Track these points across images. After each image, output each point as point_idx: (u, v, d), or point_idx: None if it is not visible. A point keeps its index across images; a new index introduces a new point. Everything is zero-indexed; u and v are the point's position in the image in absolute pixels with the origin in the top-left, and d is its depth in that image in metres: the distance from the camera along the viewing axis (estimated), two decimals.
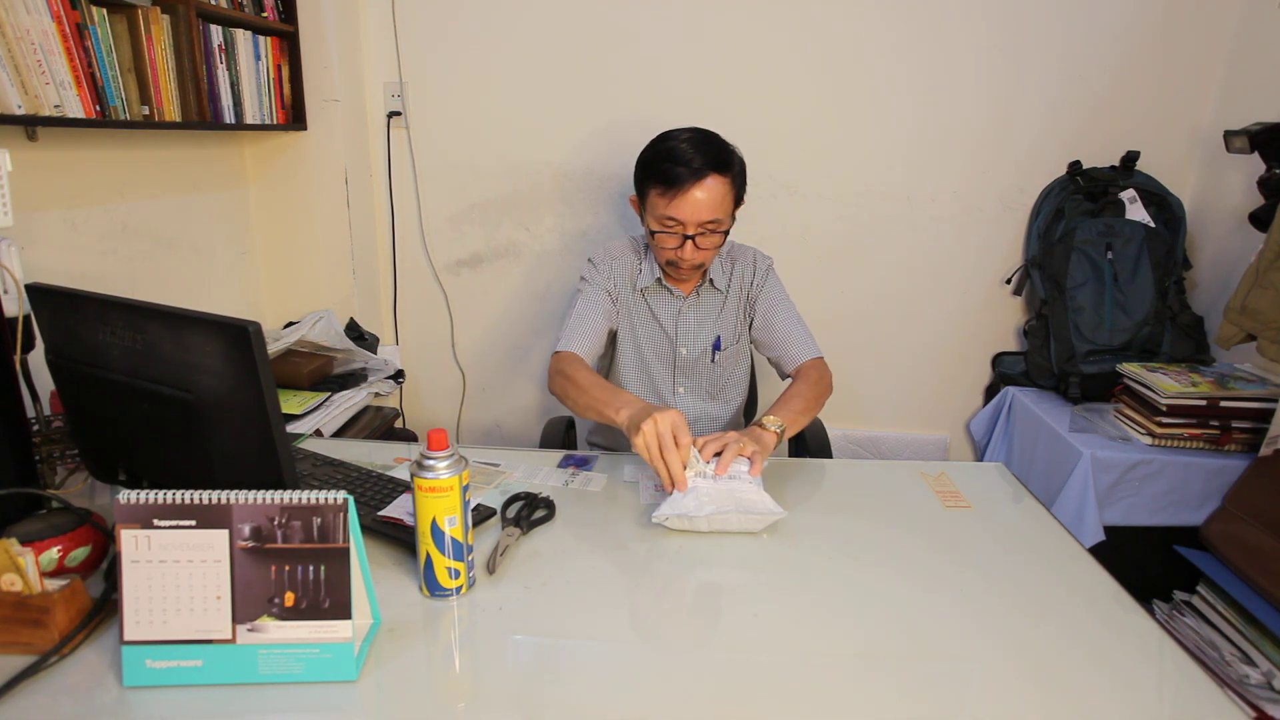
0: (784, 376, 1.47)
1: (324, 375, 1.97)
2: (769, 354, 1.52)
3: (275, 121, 1.92)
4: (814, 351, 1.44)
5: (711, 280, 1.49)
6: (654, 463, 1.06)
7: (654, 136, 1.40)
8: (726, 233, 1.40)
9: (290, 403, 1.79)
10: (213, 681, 0.73)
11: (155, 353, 0.85)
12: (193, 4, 1.56)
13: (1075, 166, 2.09)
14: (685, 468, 1.06)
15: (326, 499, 0.73)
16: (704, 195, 1.31)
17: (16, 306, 1.05)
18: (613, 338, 1.56)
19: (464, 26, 2.11)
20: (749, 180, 1.40)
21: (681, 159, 1.31)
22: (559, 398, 1.33)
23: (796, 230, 2.22)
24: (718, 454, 1.11)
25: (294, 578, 0.73)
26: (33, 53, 1.25)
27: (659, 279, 1.49)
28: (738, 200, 1.41)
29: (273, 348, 1.86)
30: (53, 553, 0.86)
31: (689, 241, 1.35)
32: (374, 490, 1.09)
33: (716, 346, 1.52)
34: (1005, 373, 2.24)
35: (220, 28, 1.69)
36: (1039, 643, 0.84)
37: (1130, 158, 2.05)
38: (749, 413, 1.73)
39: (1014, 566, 1.00)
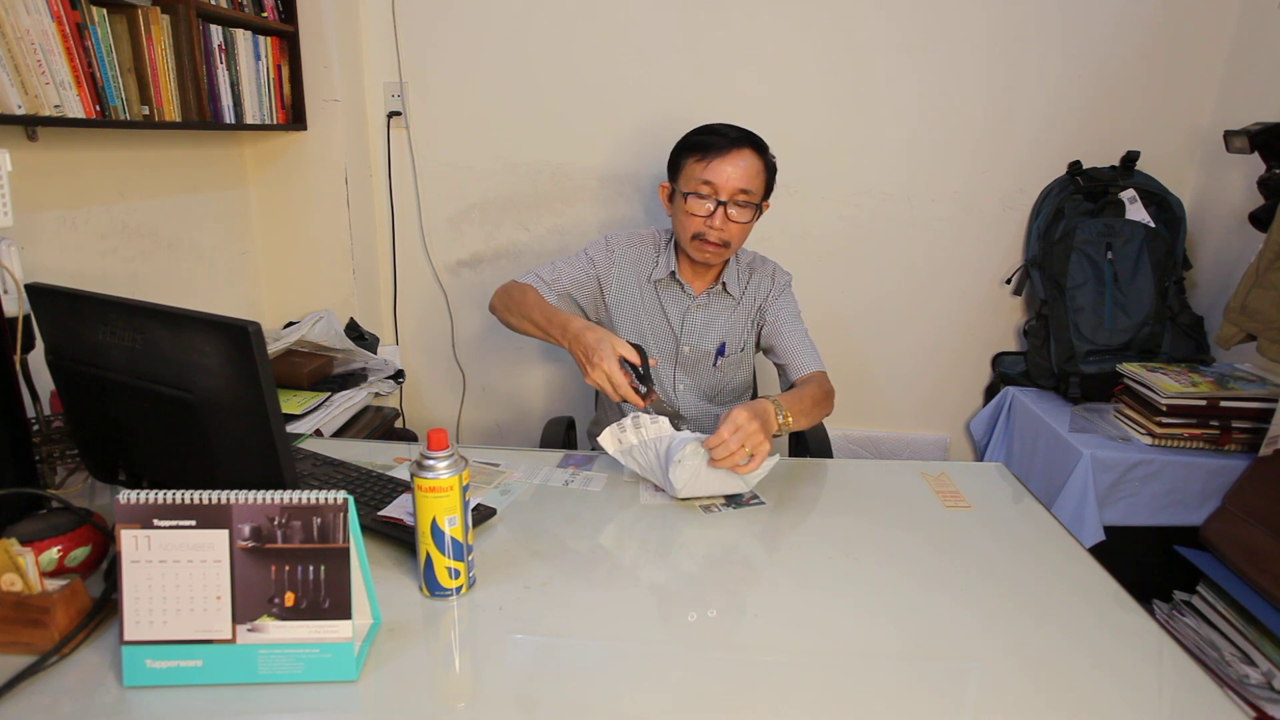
0: (788, 384, 1.48)
1: (324, 375, 1.97)
2: (774, 360, 1.53)
3: (275, 121, 1.92)
4: (819, 365, 1.45)
5: (724, 285, 1.50)
6: (609, 391, 1.18)
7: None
8: (756, 209, 1.43)
9: (290, 403, 1.79)
10: (213, 681, 0.73)
11: (155, 353, 0.85)
12: (193, 4, 1.56)
13: (1075, 166, 2.09)
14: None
15: (326, 499, 0.73)
16: (739, 164, 1.38)
17: (16, 306, 1.05)
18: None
19: (464, 26, 2.11)
20: None
21: (720, 131, 1.42)
22: (499, 312, 1.43)
23: (796, 230, 2.22)
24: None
25: (294, 578, 0.73)
26: (33, 53, 1.25)
27: (673, 272, 1.50)
28: (767, 190, 1.46)
29: (273, 348, 1.86)
30: (53, 553, 0.86)
31: (721, 209, 1.38)
32: (374, 490, 1.09)
33: (721, 352, 1.52)
34: (1005, 373, 2.24)
35: (220, 28, 1.69)
36: (1039, 643, 0.84)
37: (1130, 158, 2.05)
38: None
39: (1014, 566, 1.00)
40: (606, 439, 1.16)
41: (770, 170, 1.45)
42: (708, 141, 1.40)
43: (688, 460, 1.10)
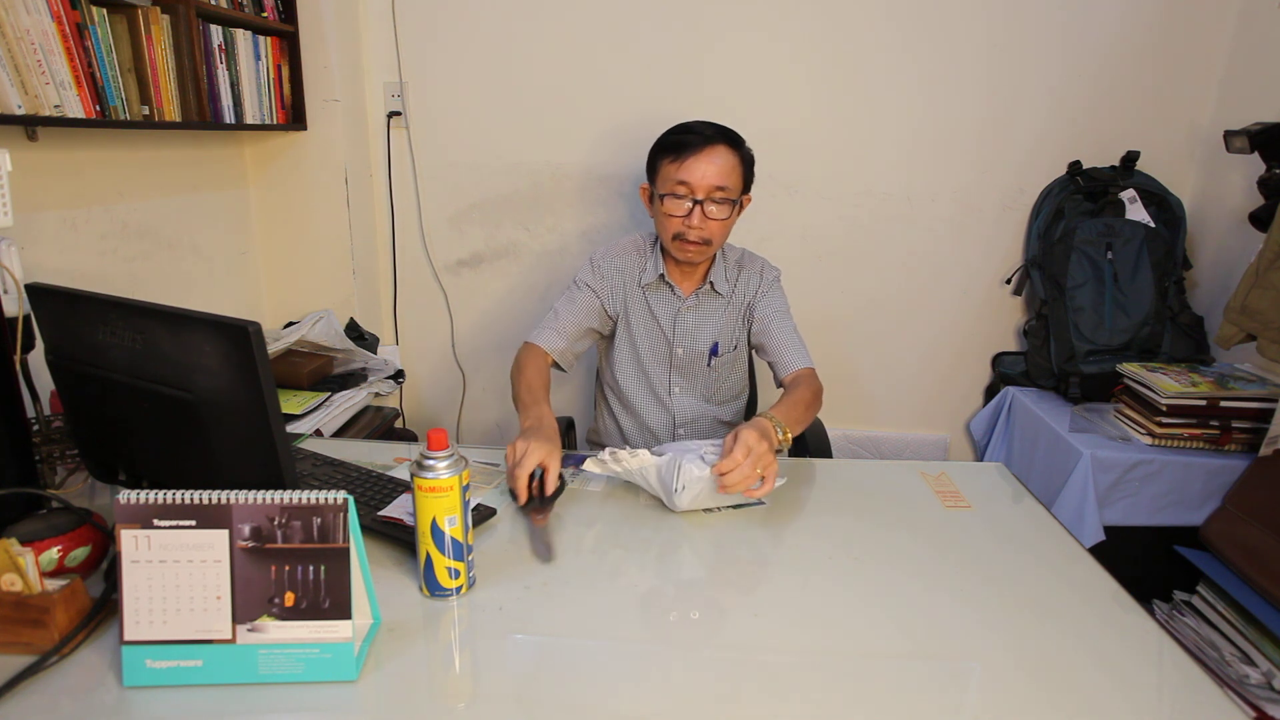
0: (778, 381, 1.48)
1: (324, 375, 1.97)
2: (764, 358, 1.52)
3: (275, 121, 1.92)
4: (808, 361, 1.44)
5: (713, 284, 1.49)
6: (508, 475, 1.11)
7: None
8: (734, 205, 1.41)
9: (290, 403, 1.79)
10: (213, 681, 0.73)
11: (155, 353, 0.85)
12: (193, 4, 1.56)
13: (1075, 166, 2.09)
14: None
15: (326, 499, 0.73)
16: (713, 161, 1.37)
17: (16, 306, 1.05)
18: (609, 338, 1.57)
19: (464, 26, 2.11)
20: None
21: (693, 130, 1.41)
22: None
23: (796, 230, 2.22)
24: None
25: (294, 578, 0.73)
26: (33, 53, 1.25)
27: (662, 275, 1.49)
28: (746, 184, 1.44)
29: (273, 348, 1.86)
30: (53, 553, 0.86)
31: (698, 207, 1.38)
32: (374, 490, 1.09)
33: (714, 352, 1.52)
34: (1005, 373, 2.24)
35: (220, 28, 1.69)
36: (1039, 643, 0.84)
37: (1130, 158, 2.05)
38: (750, 413, 1.73)
39: (1014, 566, 1.00)
40: (593, 466, 1.14)
41: (747, 164, 1.43)
42: (681, 141, 1.39)
43: (693, 486, 1.08)
